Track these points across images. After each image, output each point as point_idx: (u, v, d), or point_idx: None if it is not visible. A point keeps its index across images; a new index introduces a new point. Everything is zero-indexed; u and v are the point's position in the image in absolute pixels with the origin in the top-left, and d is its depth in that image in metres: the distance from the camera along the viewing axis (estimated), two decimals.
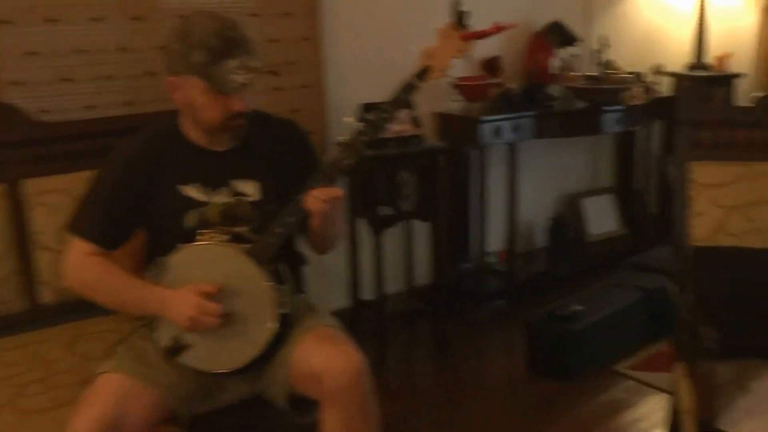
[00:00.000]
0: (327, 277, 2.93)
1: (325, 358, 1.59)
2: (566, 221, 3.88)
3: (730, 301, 1.79)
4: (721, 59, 4.08)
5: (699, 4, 4.00)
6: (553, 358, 2.83)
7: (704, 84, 3.96)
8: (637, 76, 3.62)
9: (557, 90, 3.49)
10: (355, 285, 3.06)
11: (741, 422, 1.56)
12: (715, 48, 4.11)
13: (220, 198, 1.71)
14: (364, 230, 2.97)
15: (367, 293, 3.07)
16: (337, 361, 1.59)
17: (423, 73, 1.70)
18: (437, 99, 3.22)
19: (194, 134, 1.73)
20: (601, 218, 4.05)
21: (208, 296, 1.59)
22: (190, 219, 1.69)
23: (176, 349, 1.63)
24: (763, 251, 1.84)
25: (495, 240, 3.60)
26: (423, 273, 3.37)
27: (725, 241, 1.88)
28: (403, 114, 2.78)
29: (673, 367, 1.91)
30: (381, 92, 1.80)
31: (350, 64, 3.04)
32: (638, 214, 4.13)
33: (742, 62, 4.19)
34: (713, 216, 1.90)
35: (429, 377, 2.96)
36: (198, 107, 1.64)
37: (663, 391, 2.57)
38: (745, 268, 1.82)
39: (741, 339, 1.75)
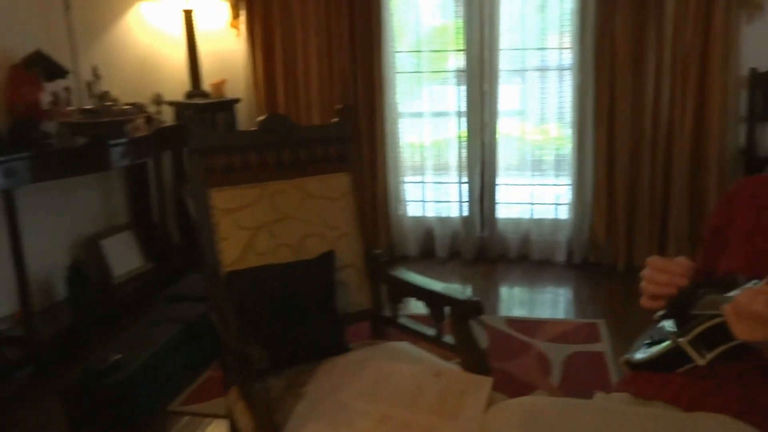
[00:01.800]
0: None
1: None
2: (86, 266, 3.60)
3: (270, 317, 1.85)
4: (217, 86, 4.29)
5: (185, 29, 4.12)
6: (99, 417, 2.58)
7: (205, 111, 4.11)
8: (138, 107, 3.56)
9: (52, 127, 3.19)
10: None
11: (302, 428, 1.62)
12: (211, 74, 4.30)
13: None
14: None
15: None
16: None
17: None
18: None
19: None
20: (124, 256, 3.88)
21: None
22: None
23: None
24: (291, 264, 1.96)
25: (6, 302, 3.14)
26: None
27: (256, 261, 1.93)
28: None
29: (226, 392, 1.92)
30: None
31: None
32: (162, 246, 4.08)
33: (238, 87, 4.45)
34: (240, 239, 1.95)
35: None
36: None
37: (221, 417, 2.56)
38: (278, 282, 1.90)
39: (286, 349, 1.82)
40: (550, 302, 3.88)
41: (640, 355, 1.47)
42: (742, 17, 3.81)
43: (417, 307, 2.10)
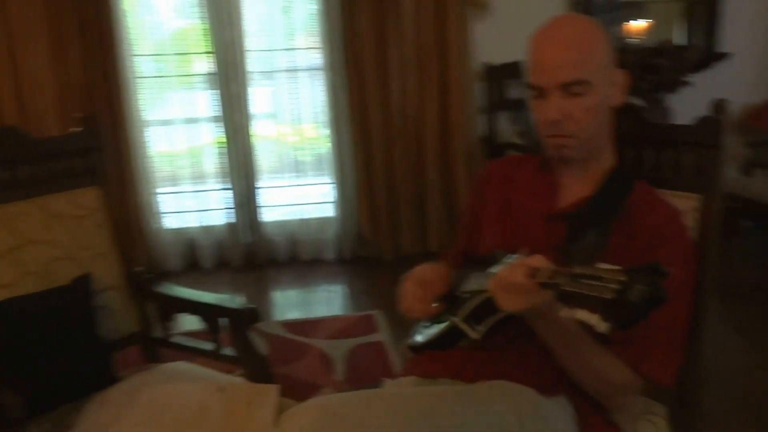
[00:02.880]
0: None
1: None
2: None
3: (22, 356, 1.63)
4: None
5: None
6: None
7: None
8: None
9: None
10: None
11: None
12: None
13: None
14: None
15: None
16: None
17: None
18: None
19: None
20: None
21: None
22: None
23: None
24: (40, 294, 1.73)
25: None
26: None
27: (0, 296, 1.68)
28: None
29: None
30: None
31: None
32: None
33: None
34: None
35: None
36: None
37: None
38: (27, 316, 1.67)
39: (46, 390, 1.62)
40: (325, 300, 3.92)
41: (419, 337, 1.52)
42: (473, 15, 4.14)
43: (191, 322, 1.99)
